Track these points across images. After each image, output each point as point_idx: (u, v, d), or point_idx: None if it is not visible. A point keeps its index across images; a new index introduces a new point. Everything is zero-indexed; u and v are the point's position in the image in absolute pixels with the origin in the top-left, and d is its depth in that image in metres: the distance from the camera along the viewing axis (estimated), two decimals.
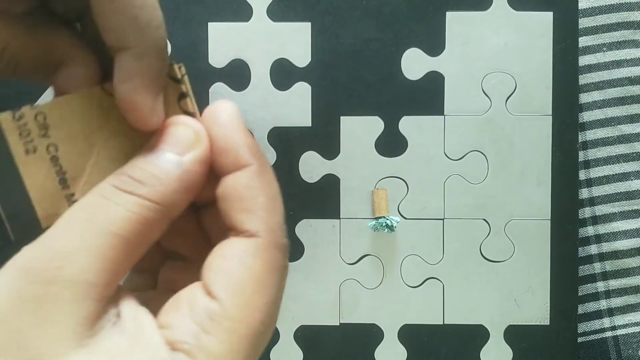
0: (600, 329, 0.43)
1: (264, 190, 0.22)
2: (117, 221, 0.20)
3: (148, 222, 0.21)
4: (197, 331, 0.20)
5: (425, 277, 0.41)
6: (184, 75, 0.23)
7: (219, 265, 0.21)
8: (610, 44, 0.43)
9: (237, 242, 0.22)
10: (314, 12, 0.40)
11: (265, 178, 0.23)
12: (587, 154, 0.43)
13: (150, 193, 0.21)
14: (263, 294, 0.21)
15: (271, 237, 0.22)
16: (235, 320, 0.20)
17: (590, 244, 0.43)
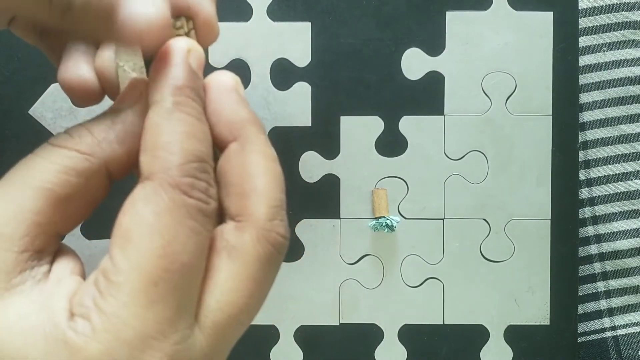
0: (600, 329, 0.43)
1: (237, 170, 0.21)
2: (39, 173, 0.20)
3: (76, 172, 0.20)
4: (93, 293, 0.19)
5: (425, 277, 0.41)
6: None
7: (117, 220, 0.20)
8: (610, 43, 0.43)
9: (134, 191, 0.20)
10: (314, 12, 0.40)
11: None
12: (587, 154, 0.43)
13: (77, 144, 0.20)
14: (154, 238, 0.19)
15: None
16: (123, 271, 0.19)
17: (590, 244, 0.43)
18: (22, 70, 0.40)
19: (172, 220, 0.19)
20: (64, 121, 0.40)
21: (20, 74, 0.40)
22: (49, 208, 0.20)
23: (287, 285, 0.41)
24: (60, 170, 0.20)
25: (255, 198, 0.21)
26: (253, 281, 0.21)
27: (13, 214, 0.19)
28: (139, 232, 0.19)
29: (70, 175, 0.20)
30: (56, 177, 0.20)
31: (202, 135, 0.21)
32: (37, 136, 0.40)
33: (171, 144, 0.20)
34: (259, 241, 0.21)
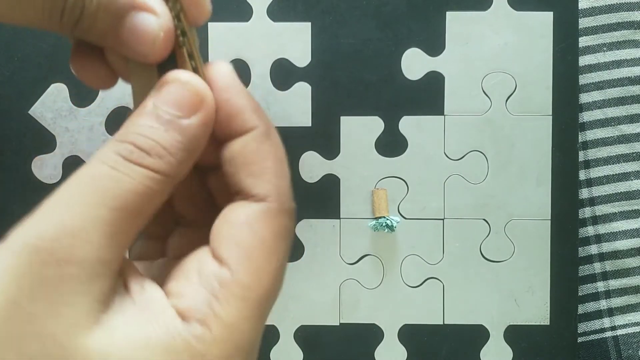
0: (600, 329, 0.43)
1: (271, 154, 0.22)
2: (124, 194, 0.19)
3: (154, 192, 0.20)
4: (209, 299, 0.20)
5: (425, 277, 0.41)
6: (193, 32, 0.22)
7: (228, 232, 0.21)
8: (610, 44, 0.43)
9: (246, 207, 0.21)
10: (314, 12, 0.40)
11: (272, 140, 0.22)
12: (587, 154, 0.43)
13: (156, 164, 0.20)
14: (271, 260, 0.21)
15: (279, 201, 0.22)
16: (246, 286, 0.20)
17: (590, 244, 0.43)
18: (22, 70, 0.40)
19: (285, 245, 0.22)
20: (64, 121, 0.40)
21: (20, 74, 0.40)
22: (129, 227, 0.20)
23: (287, 285, 0.41)
24: (144, 192, 0.20)
25: (286, 180, 0.23)
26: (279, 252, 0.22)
27: (105, 237, 0.19)
28: (260, 252, 0.21)
29: (151, 196, 0.20)
30: (140, 198, 0.20)
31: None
32: (37, 136, 0.40)
33: (277, 170, 0.22)
34: (285, 216, 0.22)
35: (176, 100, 0.20)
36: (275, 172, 0.22)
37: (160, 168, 0.20)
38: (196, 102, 0.21)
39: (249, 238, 0.21)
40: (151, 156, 0.20)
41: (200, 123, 0.21)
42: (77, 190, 0.19)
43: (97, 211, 0.19)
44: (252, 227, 0.21)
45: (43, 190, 0.40)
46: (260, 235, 0.21)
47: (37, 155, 0.40)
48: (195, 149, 0.21)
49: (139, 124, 0.20)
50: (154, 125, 0.20)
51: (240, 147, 0.22)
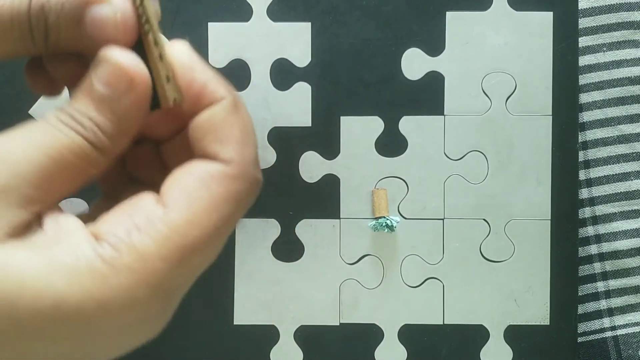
0: (600, 329, 0.43)
1: (238, 122, 0.23)
2: (60, 148, 0.20)
3: (88, 158, 0.21)
4: (129, 228, 0.20)
5: (425, 277, 0.41)
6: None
7: (180, 179, 0.21)
8: (610, 44, 0.43)
9: (206, 164, 0.22)
10: (314, 12, 0.40)
11: (240, 111, 0.23)
12: (587, 154, 0.43)
13: (90, 136, 0.21)
14: (212, 217, 0.21)
15: (241, 168, 0.22)
16: (174, 229, 0.20)
17: (590, 244, 0.43)
18: (22, 70, 0.40)
19: (235, 210, 0.22)
20: None
21: (20, 74, 0.40)
22: (58, 179, 0.21)
23: (287, 285, 0.41)
24: (76, 152, 0.21)
25: (253, 149, 0.23)
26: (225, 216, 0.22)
27: (31, 174, 0.20)
28: (204, 206, 0.21)
29: (82, 159, 0.21)
30: (72, 156, 0.21)
31: None
32: None
33: (244, 138, 0.22)
34: (244, 182, 0.22)
35: (108, 80, 0.21)
36: (242, 140, 0.22)
37: (94, 141, 0.21)
38: (127, 81, 0.21)
39: (198, 189, 0.21)
40: (86, 130, 0.21)
41: (132, 102, 0.21)
42: (21, 132, 0.20)
43: (34, 152, 0.20)
44: (206, 183, 0.21)
45: None
46: (212, 192, 0.21)
47: None
48: (129, 127, 0.22)
49: (77, 99, 0.21)
50: (88, 103, 0.21)
51: (209, 116, 0.22)
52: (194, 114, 0.23)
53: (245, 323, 0.41)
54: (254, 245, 0.40)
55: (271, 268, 0.41)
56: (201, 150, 0.22)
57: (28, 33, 0.21)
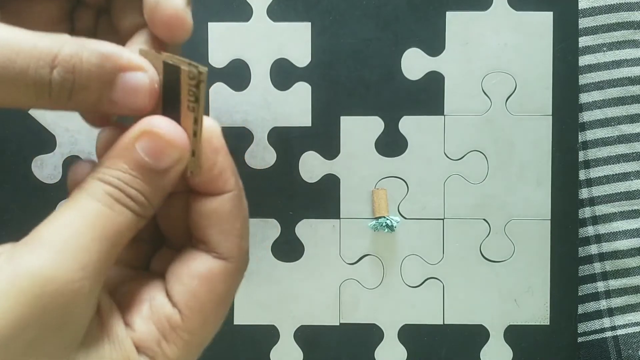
0: (600, 329, 0.43)
1: (241, 216, 0.24)
2: (121, 232, 0.21)
3: (135, 229, 0.22)
4: (158, 338, 0.22)
5: (425, 277, 0.41)
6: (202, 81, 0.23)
7: (187, 279, 0.23)
8: (610, 44, 0.43)
9: (209, 261, 0.23)
10: (314, 12, 0.40)
11: (243, 204, 0.24)
12: (587, 154, 0.43)
13: (139, 210, 0.22)
14: (219, 312, 0.24)
15: (240, 262, 0.24)
16: (193, 333, 0.23)
17: (590, 244, 0.43)
18: None
19: (232, 297, 0.24)
20: (64, 121, 0.40)
21: None
22: (112, 260, 0.22)
23: (287, 285, 0.41)
24: (130, 232, 0.22)
25: (247, 241, 0.25)
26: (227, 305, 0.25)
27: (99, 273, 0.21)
28: (212, 305, 0.23)
29: (133, 232, 0.22)
30: (126, 237, 0.22)
31: None
32: (37, 136, 0.40)
33: (243, 231, 0.24)
34: (240, 275, 0.24)
35: (156, 151, 0.22)
36: (242, 234, 0.24)
37: (141, 212, 0.22)
38: (174, 154, 0.22)
39: (206, 292, 0.23)
40: (136, 203, 0.22)
41: (176, 173, 0.23)
42: (80, 223, 0.21)
43: (100, 246, 0.21)
44: (211, 283, 0.23)
45: (43, 190, 0.40)
46: (216, 290, 0.23)
47: (37, 155, 0.40)
48: (167, 193, 0.23)
49: (123, 168, 0.22)
50: (136, 175, 0.22)
51: (218, 206, 0.23)
52: (206, 193, 0.24)
53: (246, 323, 0.41)
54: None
55: (271, 268, 0.41)
56: (204, 237, 0.24)
57: (46, 92, 0.21)
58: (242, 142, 0.40)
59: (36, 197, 0.40)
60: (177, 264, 0.24)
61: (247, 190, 0.25)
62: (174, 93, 0.23)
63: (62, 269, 0.19)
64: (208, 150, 0.23)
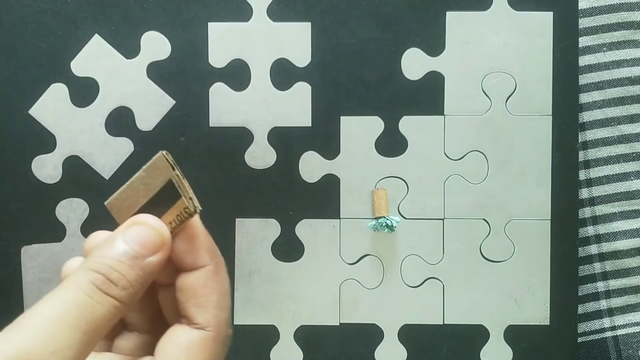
0: (600, 329, 0.43)
1: (216, 289, 0.26)
2: (96, 319, 0.23)
3: (115, 316, 0.24)
4: None
5: (425, 277, 0.41)
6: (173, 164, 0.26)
7: (170, 352, 0.25)
8: (610, 44, 0.43)
9: (187, 332, 0.26)
10: (314, 12, 0.40)
11: (219, 278, 0.27)
12: (587, 154, 0.43)
13: (120, 295, 0.24)
14: None
15: (218, 332, 0.26)
16: None
17: (590, 244, 0.43)
18: (22, 70, 0.40)
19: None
20: (64, 121, 0.40)
21: (21, 74, 0.40)
22: (91, 345, 0.23)
23: (287, 285, 0.41)
24: (111, 319, 0.24)
25: (226, 311, 0.27)
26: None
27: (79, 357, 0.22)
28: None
29: (114, 320, 0.24)
30: (108, 324, 0.24)
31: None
32: (37, 136, 0.40)
33: (220, 303, 0.26)
34: (219, 343, 0.26)
35: (144, 241, 0.25)
36: (218, 305, 0.26)
37: (123, 298, 0.24)
38: (159, 244, 0.25)
39: (186, 359, 0.25)
40: (117, 288, 0.24)
41: (159, 261, 0.25)
42: (58, 311, 0.22)
43: (74, 333, 0.22)
44: (190, 350, 0.25)
45: (43, 190, 0.40)
46: (196, 358, 0.25)
47: (37, 155, 0.40)
48: (149, 281, 0.25)
49: (110, 257, 0.24)
50: (123, 260, 0.24)
51: (192, 281, 0.26)
52: (182, 268, 0.26)
53: (246, 323, 0.41)
54: (254, 246, 0.41)
55: (271, 268, 0.41)
56: (184, 311, 0.26)
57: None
58: (242, 142, 0.40)
59: (36, 197, 0.40)
60: (163, 339, 0.26)
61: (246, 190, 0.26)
62: (162, 203, 0.26)
63: (33, 354, 0.21)
64: (185, 235, 0.26)
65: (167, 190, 0.26)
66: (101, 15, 0.40)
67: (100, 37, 0.40)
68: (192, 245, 0.26)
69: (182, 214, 0.26)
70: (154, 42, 0.40)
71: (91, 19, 0.40)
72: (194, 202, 0.26)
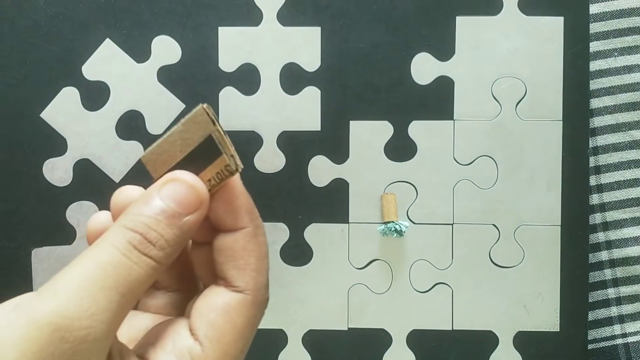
0: (611, 336, 0.43)
1: (255, 252, 0.25)
2: (133, 281, 0.22)
3: (152, 278, 0.23)
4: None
5: (434, 282, 0.41)
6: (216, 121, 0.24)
7: (207, 312, 0.24)
8: (621, 49, 0.43)
9: (226, 294, 0.25)
10: (324, 16, 0.40)
11: (258, 240, 0.25)
12: (597, 160, 0.43)
13: (158, 255, 0.23)
14: (239, 345, 0.25)
15: (256, 295, 0.25)
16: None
17: (601, 250, 0.43)
18: (34, 74, 0.41)
19: (253, 330, 0.25)
20: (75, 125, 0.40)
21: (32, 78, 0.41)
22: (128, 308, 0.22)
23: (295, 289, 0.41)
24: (148, 281, 0.23)
25: (265, 275, 0.26)
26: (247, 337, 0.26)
27: (115, 320, 0.21)
28: (231, 336, 0.24)
29: (150, 281, 0.23)
30: (145, 286, 0.23)
31: None
32: (48, 139, 0.40)
33: (259, 266, 0.25)
34: (258, 307, 0.26)
35: (181, 199, 0.23)
36: (257, 268, 0.25)
37: (161, 259, 0.23)
38: (197, 203, 0.24)
39: (223, 322, 0.24)
40: (155, 247, 0.23)
41: (196, 221, 0.24)
42: (94, 272, 0.22)
43: (111, 295, 0.21)
44: (229, 313, 0.24)
45: (53, 193, 0.41)
46: (234, 321, 0.24)
47: (48, 158, 0.40)
48: (186, 241, 0.24)
49: (147, 215, 0.23)
50: (160, 219, 0.23)
51: (231, 243, 0.25)
52: (221, 229, 0.25)
53: None
54: None
55: (280, 272, 0.41)
56: (222, 273, 0.25)
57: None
58: (251, 146, 0.40)
59: (47, 200, 0.40)
60: (200, 300, 0.25)
61: (256, 194, 0.26)
62: (201, 159, 0.24)
63: (69, 317, 0.20)
64: (225, 195, 0.25)
65: (207, 146, 0.24)
66: (112, 19, 0.40)
67: (112, 42, 0.40)
68: (232, 205, 0.25)
69: (222, 172, 0.24)
70: (164, 46, 0.40)
71: (102, 23, 0.40)
72: (236, 160, 0.24)
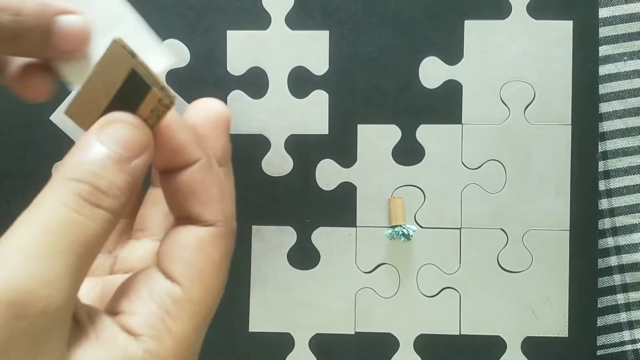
0: (620, 342, 0.43)
1: (215, 182, 0.24)
2: (89, 239, 0.20)
3: (109, 231, 0.21)
4: (161, 315, 0.22)
5: (442, 287, 0.41)
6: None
7: (180, 253, 0.23)
8: (631, 53, 0.42)
9: (196, 231, 0.23)
10: (332, 20, 0.40)
11: (214, 169, 0.24)
12: (607, 164, 0.43)
13: (112, 205, 0.21)
14: (220, 279, 0.24)
15: (227, 225, 0.24)
16: (196, 303, 0.22)
17: (610, 256, 0.43)
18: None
19: (228, 263, 0.24)
20: None
21: None
22: (87, 268, 0.20)
23: (302, 293, 0.41)
24: (105, 235, 0.21)
25: (230, 203, 0.25)
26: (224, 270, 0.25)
27: (74, 284, 0.19)
28: (210, 271, 0.23)
29: (107, 235, 0.21)
30: (102, 241, 0.21)
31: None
32: (58, 143, 0.41)
33: (222, 195, 0.24)
34: (230, 237, 0.25)
35: (125, 141, 0.21)
36: (221, 198, 0.24)
37: (116, 209, 0.21)
38: (143, 143, 0.22)
39: (201, 259, 0.23)
40: (108, 197, 0.20)
41: (145, 163, 0.22)
42: (43, 236, 0.19)
43: (66, 258, 0.19)
44: (203, 249, 0.23)
45: None
46: (211, 256, 0.23)
47: (57, 162, 0.41)
48: (138, 186, 0.22)
49: (91, 162, 0.20)
50: (107, 165, 0.21)
51: (188, 178, 0.23)
52: (173, 169, 0.24)
53: (261, 330, 0.41)
54: (270, 253, 0.41)
55: (287, 276, 0.41)
56: (185, 212, 0.24)
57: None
58: (259, 149, 0.41)
59: None
60: (166, 243, 0.23)
61: (263, 198, 0.26)
62: (130, 99, 0.22)
63: (22, 290, 0.18)
64: (167, 131, 0.23)
65: (133, 83, 0.22)
66: None
67: None
68: (178, 140, 0.23)
69: (158, 108, 0.22)
70: (173, 49, 0.40)
71: None
72: (168, 92, 0.22)
